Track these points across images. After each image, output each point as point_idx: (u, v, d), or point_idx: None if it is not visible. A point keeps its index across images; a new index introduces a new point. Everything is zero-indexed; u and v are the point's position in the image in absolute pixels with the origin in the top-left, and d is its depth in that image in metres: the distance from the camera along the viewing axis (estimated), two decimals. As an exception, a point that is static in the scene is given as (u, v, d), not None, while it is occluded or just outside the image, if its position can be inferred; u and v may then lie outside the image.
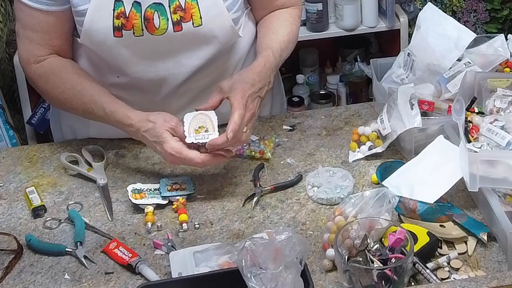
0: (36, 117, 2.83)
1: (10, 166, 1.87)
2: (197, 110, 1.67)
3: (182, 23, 1.70)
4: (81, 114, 1.79)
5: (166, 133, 1.62)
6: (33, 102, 2.84)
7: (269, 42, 1.78)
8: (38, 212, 1.68)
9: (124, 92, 1.81)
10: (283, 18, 1.85)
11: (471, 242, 1.50)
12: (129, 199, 1.66)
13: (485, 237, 1.49)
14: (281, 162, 1.80)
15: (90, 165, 1.81)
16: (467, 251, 1.48)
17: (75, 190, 1.76)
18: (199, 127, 1.64)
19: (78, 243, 1.57)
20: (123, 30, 1.68)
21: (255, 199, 1.66)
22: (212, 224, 1.62)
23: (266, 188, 1.69)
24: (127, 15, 1.67)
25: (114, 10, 1.67)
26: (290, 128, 1.92)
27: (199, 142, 1.62)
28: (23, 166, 1.86)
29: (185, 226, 1.61)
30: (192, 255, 1.49)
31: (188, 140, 1.62)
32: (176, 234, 1.60)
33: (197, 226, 1.61)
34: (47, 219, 1.67)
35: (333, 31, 3.06)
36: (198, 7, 1.70)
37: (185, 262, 1.48)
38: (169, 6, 1.69)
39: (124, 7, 1.67)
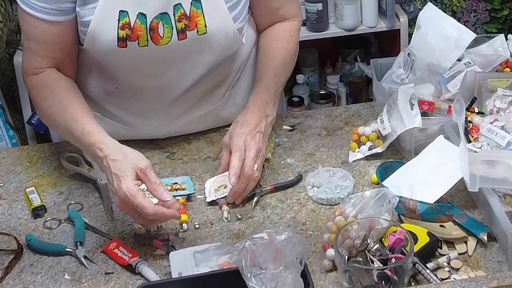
0: (36, 117, 2.82)
1: (10, 166, 1.87)
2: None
3: (187, 31, 1.69)
4: (62, 133, 1.73)
5: (130, 171, 1.51)
6: (33, 102, 2.84)
7: (263, 71, 1.80)
8: (38, 212, 1.68)
9: (126, 99, 1.81)
10: (281, 37, 1.85)
11: (471, 242, 1.50)
12: (129, 199, 1.66)
13: (485, 237, 1.49)
14: (281, 162, 1.80)
15: (90, 165, 1.81)
16: (467, 251, 1.48)
17: (75, 190, 1.76)
18: (219, 187, 1.69)
19: (78, 243, 1.57)
20: (127, 41, 1.66)
21: (255, 199, 1.66)
22: (212, 224, 1.62)
23: (266, 188, 1.69)
24: (131, 27, 1.65)
25: (118, 20, 1.65)
26: (290, 128, 1.92)
27: (218, 198, 1.66)
28: (23, 166, 1.86)
29: (185, 226, 1.61)
30: (192, 255, 1.49)
31: (208, 200, 1.66)
32: (176, 234, 1.60)
33: (197, 226, 1.61)
34: (47, 219, 1.67)
35: (333, 31, 3.07)
36: (203, 16, 1.68)
37: (185, 262, 1.48)
38: (174, 15, 1.67)
39: (129, 17, 1.65)
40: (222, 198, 1.66)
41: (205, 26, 1.69)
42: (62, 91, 1.71)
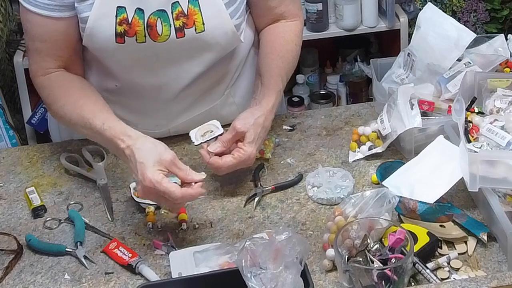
0: (36, 117, 2.83)
1: (10, 166, 1.87)
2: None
3: (185, 29, 1.69)
4: (79, 130, 1.73)
5: (154, 160, 1.53)
6: (33, 102, 2.84)
7: (277, 71, 1.78)
8: (38, 212, 1.69)
9: (125, 97, 1.81)
10: (288, 38, 1.84)
11: (471, 242, 1.50)
12: (132, 196, 1.66)
13: (485, 237, 1.49)
14: (281, 162, 1.80)
15: (90, 165, 1.81)
16: (467, 251, 1.48)
17: (75, 190, 1.76)
18: (205, 133, 1.67)
19: (78, 243, 1.57)
20: (125, 37, 1.67)
21: (256, 199, 1.66)
22: (212, 224, 1.62)
23: (267, 188, 1.69)
24: (129, 22, 1.65)
25: (116, 16, 1.65)
26: (290, 128, 1.92)
27: (207, 141, 1.65)
28: (23, 166, 1.86)
29: (184, 226, 1.61)
30: (192, 255, 1.49)
31: (196, 143, 1.65)
32: (176, 234, 1.60)
33: (197, 226, 1.61)
34: (47, 219, 1.67)
35: (333, 31, 3.06)
36: (201, 13, 1.68)
37: (185, 262, 1.48)
38: (172, 12, 1.67)
39: (126, 13, 1.65)
40: (210, 140, 1.66)
41: (203, 24, 1.69)
42: (75, 91, 1.72)
